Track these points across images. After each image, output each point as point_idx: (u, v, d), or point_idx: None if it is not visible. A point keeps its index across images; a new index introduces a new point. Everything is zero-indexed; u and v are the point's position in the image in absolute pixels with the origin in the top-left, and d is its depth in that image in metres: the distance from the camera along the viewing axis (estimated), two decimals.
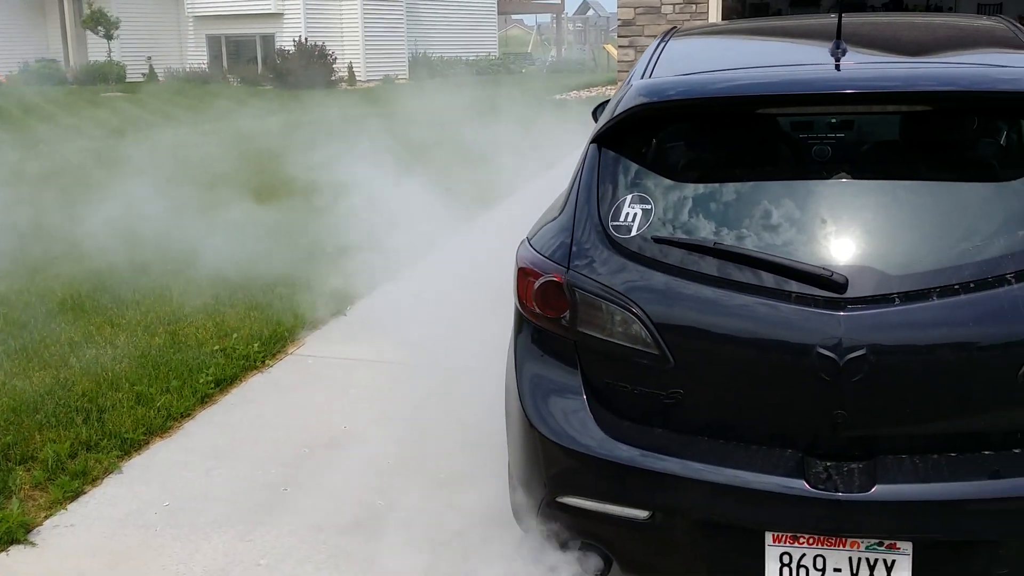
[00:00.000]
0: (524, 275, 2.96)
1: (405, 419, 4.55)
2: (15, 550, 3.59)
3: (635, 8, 9.98)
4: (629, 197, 2.89)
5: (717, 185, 2.91)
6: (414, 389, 4.88)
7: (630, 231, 2.84)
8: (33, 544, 3.63)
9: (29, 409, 4.59)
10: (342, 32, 29.59)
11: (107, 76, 25.80)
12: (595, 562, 2.85)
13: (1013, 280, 2.55)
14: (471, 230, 8.06)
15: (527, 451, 2.89)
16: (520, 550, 3.42)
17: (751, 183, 2.88)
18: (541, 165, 10.16)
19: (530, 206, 3.52)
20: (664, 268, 2.76)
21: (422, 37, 32.17)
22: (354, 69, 28.96)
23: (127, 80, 27.33)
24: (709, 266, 2.72)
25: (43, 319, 5.95)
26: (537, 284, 2.89)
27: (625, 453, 2.71)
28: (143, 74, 28.45)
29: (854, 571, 2.58)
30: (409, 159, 10.63)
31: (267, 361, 5.36)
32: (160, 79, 28.10)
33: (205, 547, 3.61)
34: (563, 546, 2.91)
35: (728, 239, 2.75)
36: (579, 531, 2.83)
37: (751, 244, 2.73)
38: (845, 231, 2.72)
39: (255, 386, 5.09)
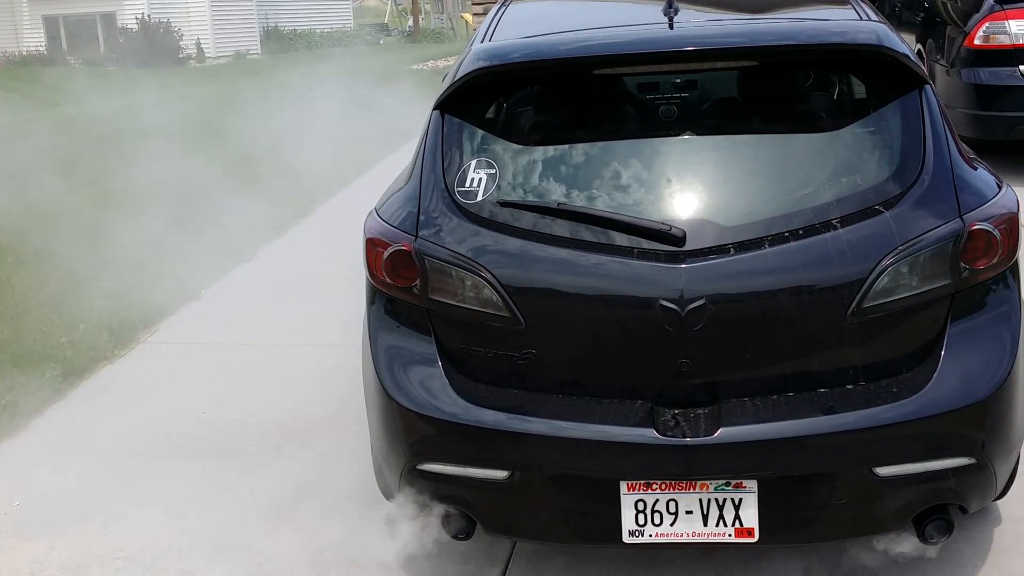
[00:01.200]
0: (372, 245, 2.95)
1: (267, 401, 4.48)
2: None
3: None
4: (474, 162, 2.91)
5: (561, 147, 2.95)
6: (275, 371, 4.80)
7: (476, 196, 2.86)
8: None
9: None
10: (188, 8, 28.55)
11: None
12: (459, 525, 2.88)
13: (839, 225, 2.68)
14: (328, 207, 7.96)
15: (386, 421, 2.89)
16: (388, 521, 3.44)
17: (594, 144, 2.94)
18: (398, 137, 10.07)
19: (386, 180, 3.51)
20: (511, 231, 2.80)
21: (273, 10, 31.35)
22: (202, 45, 28.00)
23: None
24: (555, 227, 2.77)
25: None
26: (386, 254, 2.88)
27: (481, 416, 2.74)
28: None
29: (704, 512, 2.68)
30: (260, 134, 10.39)
31: (118, 351, 5.18)
32: None
33: (60, 544, 3.49)
34: (427, 512, 2.93)
35: (572, 200, 2.80)
36: (441, 496, 2.85)
37: (595, 204, 2.79)
38: (685, 187, 2.80)
39: (107, 377, 4.92)
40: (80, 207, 7.77)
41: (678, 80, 3.72)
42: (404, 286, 2.88)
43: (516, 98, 3.22)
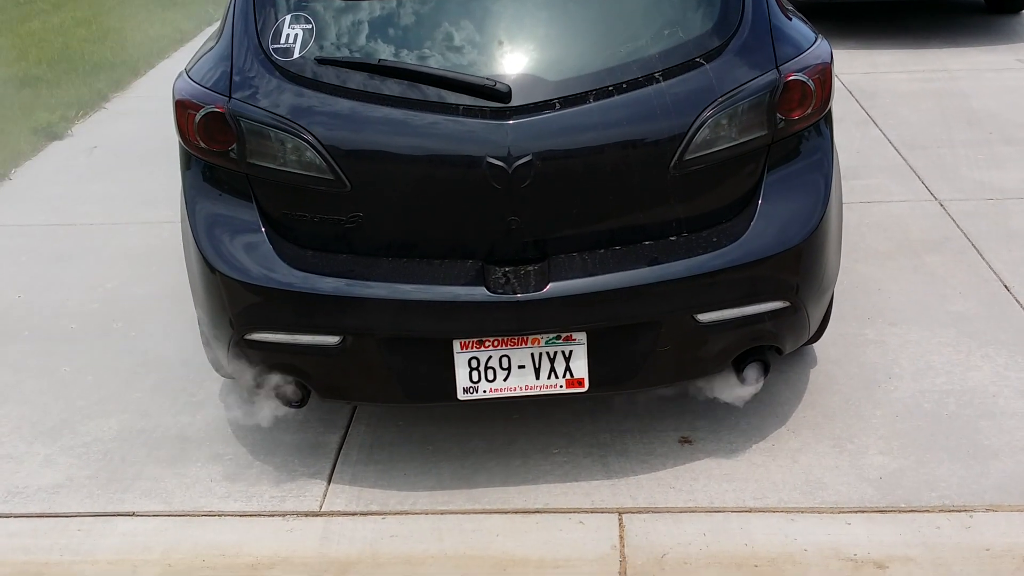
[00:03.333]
0: (183, 108, 2.79)
1: (88, 282, 4.27)
2: None
3: None
4: (289, 18, 2.76)
5: (385, 2, 2.82)
6: (96, 251, 4.57)
7: (292, 54, 2.73)
8: None
9: None
10: None
11: None
12: (292, 393, 2.85)
13: (661, 78, 2.69)
14: (148, 79, 7.52)
15: (210, 292, 2.80)
16: (221, 395, 3.38)
17: (420, 1, 2.82)
18: (222, 5, 9.52)
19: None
20: (331, 89, 2.69)
21: None
22: None
23: None
24: (378, 85, 2.68)
25: None
26: (198, 116, 2.74)
27: (309, 282, 2.68)
28: None
29: (537, 365, 2.72)
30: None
31: None
32: None
33: None
34: (259, 383, 2.88)
35: (393, 55, 2.71)
36: (272, 365, 2.80)
37: (421, 61, 2.70)
38: (512, 43, 2.74)
39: None
40: None
41: None
42: (220, 151, 2.75)
43: None
